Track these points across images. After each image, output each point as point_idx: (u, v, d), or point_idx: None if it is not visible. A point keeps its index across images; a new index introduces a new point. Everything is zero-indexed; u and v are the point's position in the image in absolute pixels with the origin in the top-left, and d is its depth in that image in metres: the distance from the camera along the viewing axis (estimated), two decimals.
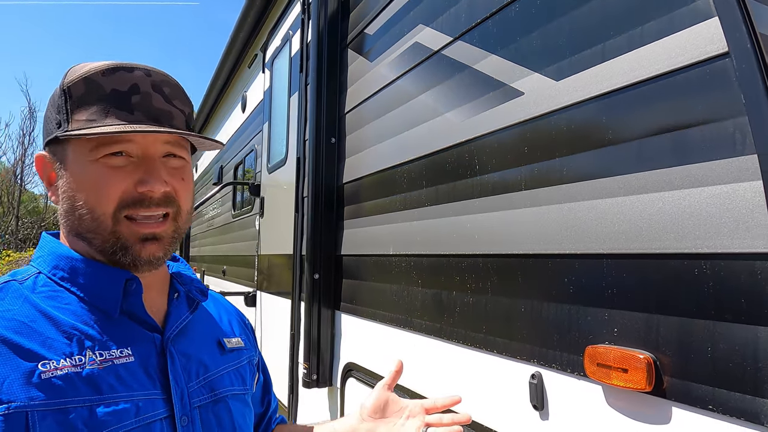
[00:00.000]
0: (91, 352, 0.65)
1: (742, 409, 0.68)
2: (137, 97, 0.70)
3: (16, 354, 0.61)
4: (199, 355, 0.77)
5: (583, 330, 0.92)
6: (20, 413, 0.59)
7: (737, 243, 0.70)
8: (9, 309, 0.65)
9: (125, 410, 0.64)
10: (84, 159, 0.68)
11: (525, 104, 1.09)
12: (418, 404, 0.88)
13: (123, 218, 0.68)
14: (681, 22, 0.79)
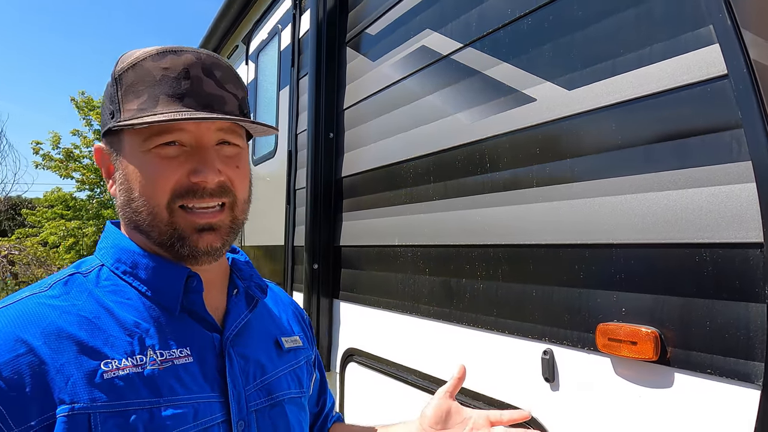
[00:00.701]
0: (152, 351, 0.65)
1: (736, 371, 0.83)
2: (188, 83, 0.66)
3: (80, 352, 0.61)
4: (257, 357, 0.75)
5: (593, 310, 1.05)
6: (83, 415, 0.58)
7: (733, 234, 0.84)
8: (74, 304, 0.64)
9: (184, 414, 0.64)
10: (137, 150, 0.67)
11: (538, 109, 1.21)
12: (483, 416, 0.81)
13: (178, 209, 0.67)
14: (686, 46, 0.92)
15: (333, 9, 2.21)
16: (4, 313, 0.62)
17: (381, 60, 1.88)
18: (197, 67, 0.67)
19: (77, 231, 12.18)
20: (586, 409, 1.07)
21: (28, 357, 0.58)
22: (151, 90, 0.66)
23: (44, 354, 0.59)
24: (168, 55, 0.67)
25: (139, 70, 0.67)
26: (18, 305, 0.63)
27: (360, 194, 1.99)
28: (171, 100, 0.66)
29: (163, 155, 0.67)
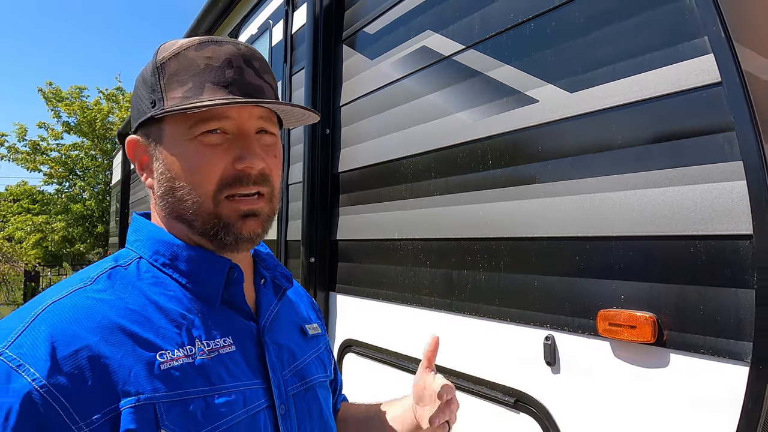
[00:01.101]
0: (199, 341, 0.65)
1: (728, 350, 0.92)
2: (231, 72, 0.67)
3: (135, 344, 0.61)
4: (288, 344, 0.77)
5: (594, 298, 1.13)
6: (149, 405, 0.59)
7: (725, 227, 0.93)
8: (121, 297, 0.64)
9: (235, 401, 0.65)
10: (181, 137, 0.67)
11: (541, 110, 1.29)
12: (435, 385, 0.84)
13: (223, 198, 0.67)
14: (684, 54, 1.01)
15: (329, 6, 2.25)
16: (57, 309, 0.60)
17: (380, 59, 1.93)
18: (238, 57, 0.68)
19: (44, 226, 11.83)
20: (586, 388, 1.16)
21: (87, 352, 0.58)
22: (195, 78, 0.66)
23: (103, 348, 0.59)
24: (210, 45, 0.68)
25: (183, 59, 0.67)
26: (68, 300, 0.62)
27: (358, 189, 2.04)
28: (216, 88, 0.66)
29: (206, 143, 0.66)
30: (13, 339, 0.57)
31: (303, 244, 2.17)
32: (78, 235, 12.38)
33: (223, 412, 0.63)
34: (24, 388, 0.54)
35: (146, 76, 0.70)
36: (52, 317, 0.59)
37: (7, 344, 0.56)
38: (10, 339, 0.57)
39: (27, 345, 0.57)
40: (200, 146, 0.66)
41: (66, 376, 0.56)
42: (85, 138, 12.39)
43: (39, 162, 12.05)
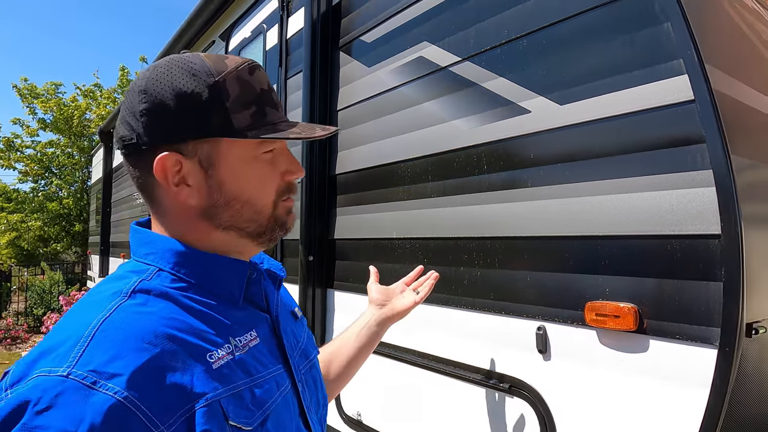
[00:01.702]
0: (233, 339, 0.70)
1: (699, 336, 1.05)
2: (275, 96, 0.75)
3: (190, 349, 0.65)
4: (291, 329, 0.85)
5: (582, 291, 1.26)
6: (215, 402, 0.63)
7: (697, 228, 1.06)
8: (161, 309, 0.67)
9: (271, 388, 0.72)
10: (244, 157, 0.72)
11: (532, 120, 1.40)
12: (400, 283, 1.36)
13: (281, 202, 0.76)
14: (661, 74, 1.13)
15: (326, 14, 2.34)
16: (111, 326, 0.62)
17: (377, 66, 2.03)
18: (269, 79, 0.77)
19: (20, 225, 11.58)
20: (574, 373, 1.28)
21: (153, 362, 0.61)
22: (256, 102, 0.72)
23: (165, 357, 0.62)
24: (257, 69, 0.74)
25: (243, 82, 0.71)
26: (117, 316, 0.63)
27: (356, 191, 2.13)
28: (273, 111, 0.74)
29: (264, 160, 0.74)
30: (78, 358, 0.58)
31: (302, 243, 2.25)
32: (54, 234, 12.16)
33: (265, 398, 0.70)
34: (105, 401, 0.55)
35: (194, 90, 0.69)
36: (108, 333, 0.61)
37: (72, 364, 0.57)
38: (74, 359, 0.58)
39: (95, 362, 0.58)
40: (261, 163, 0.74)
41: (141, 386, 0.58)
42: (62, 135, 12.16)
43: (13, 159, 11.79)
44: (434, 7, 1.76)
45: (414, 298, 1.30)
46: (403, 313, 1.27)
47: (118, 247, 6.67)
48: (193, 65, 0.70)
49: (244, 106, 0.71)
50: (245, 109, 0.71)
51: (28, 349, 8.74)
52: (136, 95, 0.70)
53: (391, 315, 1.25)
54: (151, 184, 0.72)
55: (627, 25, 1.21)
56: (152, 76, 0.70)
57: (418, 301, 1.30)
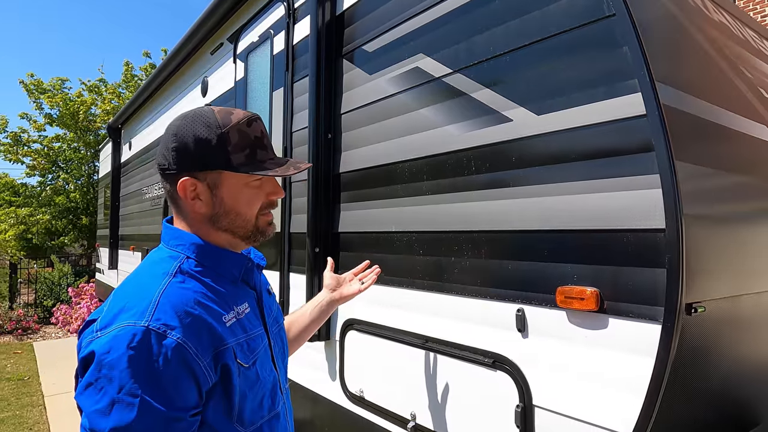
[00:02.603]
0: (235, 306, 1.04)
1: (647, 314, 1.25)
2: (265, 139, 1.06)
3: (213, 312, 0.97)
4: (267, 302, 1.19)
5: (554, 278, 1.45)
6: (230, 347, 0.97)
7: (646, 223, 1.26)
8: (194, 285, 1.00)
9: (258, 340, 1.07)
10: (238, 183, 1.04)
11: (514, 127, 1.59)
12: (350, 273, 1.72)
13: (261, 216, 1.08)
14: (620, 92, 1.32)
15: (330, 23, 2.52)
16: (167, 295, 0.93)
17: (377, 74, 2.22)
18: (264, 128, 1.07)
19: (28, 219, 11.81)
20: (548, 348, 1.48)
21: (197, 320, 0.93)
22: (250, 146, 1.02)
23: (203, 317, 0.95)
24: (253, 122, 1.04)
25: (241, 133, 1.01)
26: (170, 289, 0.95)
27: (358, 188, 2.33)
28: (263, 152, 1.05)
29: (253, 186, 1.06)
30: (151, 314, 0.90)
31: (308, 236, 2.45)
32: (62, 228, 12.39)
33: (254, 347, 1.04)
34: (173, 343, 0.88)
35: (206, 137, 0.99)
36: (168, 300, 0.93)
37: (148, 318, 0.89)
38: (148, 314, 0.89)
39: (164, 318, 0.90)
40: (250, 189, 1.06)
41: (192, 334, 0.91)
42: (68, 130, 12.35)
43: (21, 154, 12.00)
44: (429, 22, 1.95)
45: (359, 287, 1.67)
46: (348, 298, 1.66)
47: (127, 240, 6.88)
48: (209, 119, 1.01)
49: (241, 149, 1.01)
50: (241, 152, 1.01)
51: (39, 339, 8.99)
52: (170, 136, 1.02)
53: (338, 298, 1.64)
54: (176, 197, 1.04)
55: (592, 47, 1.40)
56: (181, 124, 1.02)
57: (362, 289, 1.67)
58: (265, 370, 1.06)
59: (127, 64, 13.49)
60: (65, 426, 4.90)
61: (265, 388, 1.05)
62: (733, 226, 1.52)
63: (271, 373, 1.09)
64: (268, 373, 1.07)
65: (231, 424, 0.96)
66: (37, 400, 5.70)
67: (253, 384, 1.01)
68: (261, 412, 1.03)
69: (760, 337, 1.73)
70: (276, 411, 1.08)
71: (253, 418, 1.01)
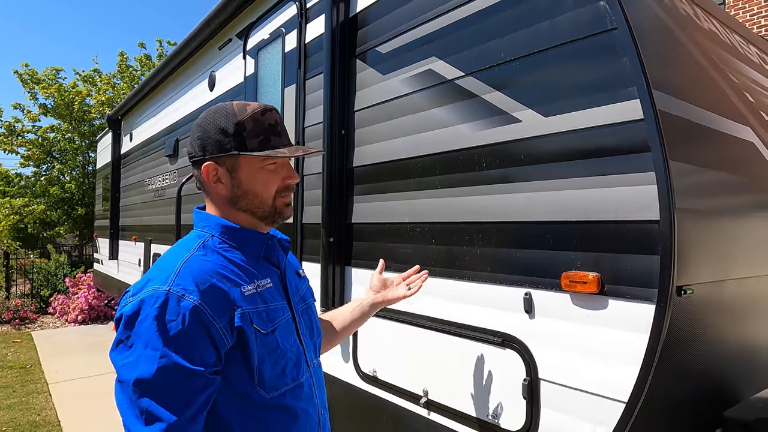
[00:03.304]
0: (257, 280, 1.13)
1: (643, 296, 1.41)
2: (279, 127, 1.16)
3: (231, 282, 1.07)
4: (294, 281, 1.28)
5: (559, 264, 1.61)
6: (246, 313, 1.06)
7: (643, 215, 1.42)
8: (214, 258, 1.11)
9: (279, 311, 1.16)
10: (254, 167, 1.14)
11: (523, 128, 1.75)
12: (398, 277, 1.72)
13: (278, 198, 1.17)
14: (620, 98, 1.48)
15: (344, 25, 2.65)
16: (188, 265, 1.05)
17: (390, 75, 2.36)
18: (277, 117, 1.17)
19: (23, 209, 11.80)
20: (553, 328, 1.65)
21: (213, 287, 1.04)
22: (264, 133, 1.13)
23: (219, 284, 1.05)
24: (267, 112, 1.15)
25: (255, 121, 1.12)
26: (192, 261, 1.07)
27: (372, 181, 2.47)
28: (276, 139, 1.14)
29: (269, 170, 1.15)
30: (173, 281, 1.01)
31: (323, 227, 2.60)
32: (57, 218, 12.40)
33: (273, 317, 1.13)
34: (190, 304, 0.99)
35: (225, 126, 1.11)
36: (189, 269, 1.05)
37: (170, 284, 1.01)
38: (170, 281, 1.01)
39: (183, 284, 1.01)
40: (265, 172, 1.15)
41: (208, 299, 1.02)
42: (63, 120, 12.32)
43: (15, 144, 11.96)
44: (442, 28, 2.09)
45: (404, 292, 1.67)
46: (392, 302, 1.66)
47: (128, 231, 6.97)
48: (227, 111, 1.13)
49: (255, 135, 1.12)
50: (255, 137, 1.12)
51: (36, 328, 9.06)
52: (196, 128, 1.16)
53: (381, 301, 1.66)
54: (202, 181, 1.16)
55: (596, 57, 1.55)
56: (204, 116, 1.15)
57: (407, 295, 1.67)
58: (287, 340, 1.13)
59: (122, 54, 13.46)
60: (72, 411, 5.02)
61: (287, 357, 1.12)
62: (717, 218, 1.69)
63: (295, 344, 1.16)
64: (291, 345, 1.14)
65: (253, 387, 1.05)
66: (41, 387, 5.81)
67: (273, 350, 1.08)
68: (283, 380, 1.10)
69: (740, 320, 1.91)
70: (299, 381, 1.15)
71: (275, 383, 1.08)
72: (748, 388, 2.13)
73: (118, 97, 12.32)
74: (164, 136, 5.59)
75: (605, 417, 1.48)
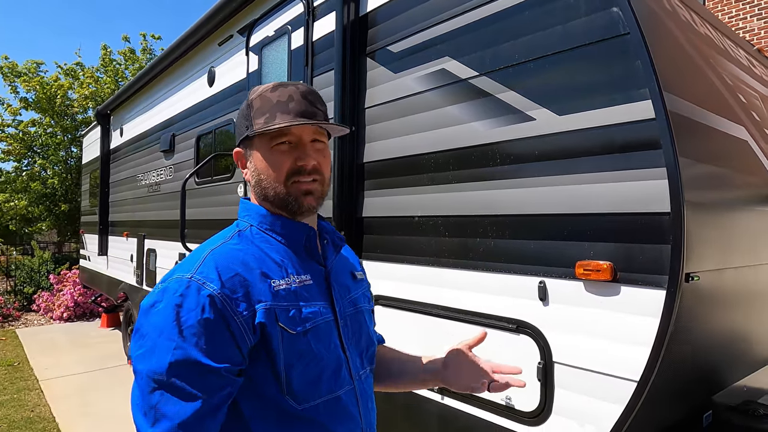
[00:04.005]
0: (292, 275, 1.00)
1: (654, 282, 1.53)
2: (292, 104, 1.00)
3: (260, 275, 0.96)
4: (344, 282, 1.12)
5: (574, 253, 1.72)
6: (271, 309, 0.93)
7: (655, 207, 1.53)
8: (247, 248, 1.00)
9: (316, 312, 1.00)
10: (264, 148, 1.02)
11: (537, 126, 1.85)
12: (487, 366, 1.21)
13: (291, 183, 1.02)
14: (634, 98, 1.59)
15: (354, 24, 2.72)
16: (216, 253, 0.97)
17: (403, 73, 2.44)
18: (296, 93, 1.02)
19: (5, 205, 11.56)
20: (567, 314, 1.75)
21: (237, 277, 0.93)
22: (270, 110, 1.01)
23: (244, 275, 0.94)
24: (279, 88, 1.02)
25: (263, 98, 1.02)
26: (220, 249, 0.98)
27: (383, 176, 2.55)
28: (282, 115, 1.00)
29: (280, 150, 1.01)
30: (197, 269, 0.93)
31: (334, 220, 2.67)
32: (38, 214, 12.17)
33: (309, 317, 0.99)
34: (210, 294, 0.90)
35: (243, 110, 1.05)
36: (214, 258, 0.96)
37: (193, 272, 0.92)
38: (194, 269, 0.93)
39: (205, 272, 0.92)
40: (275, 153, 1.02)
41: (229, 289, 0.91)
42: (44, 114, 12.09)
43: None
44: (456, 29, 2.18)
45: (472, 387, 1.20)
46: (452, 387, 1.22)
47: (119, 227, 6.92)
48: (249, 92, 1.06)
49: (261, 114, 1.02)
50: (262, 116, 1.01)
51: (21, 326, 8.91)
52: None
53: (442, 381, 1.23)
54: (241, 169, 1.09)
55: (609, 60, 1.66)
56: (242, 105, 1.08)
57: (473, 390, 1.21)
58: (323, 345, 1.00)
59: (105, 48, 13.24)
60: (66, 407, 5.00)
61: (323, 364, 0.99)
62: (718, 210, 1.81)
63: (335, 351, 1.02)
64: (327, 350, 1.00)
65: (282, 395, 0.94)
66: (32, 384, 5.76)
67: (303, 354, 0.96)
68: (317, 390, 0.97)
69: (735, 307, 2.05)
70: (337, 393, 1.01)
71: (306, 394, 0.96)
72: (734, 374, 2.27)
73: (101, 91, 12.13)
74: (159, 131, 5.57)
75: (617, 396, 1.60)
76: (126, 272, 6.37)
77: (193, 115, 4.76)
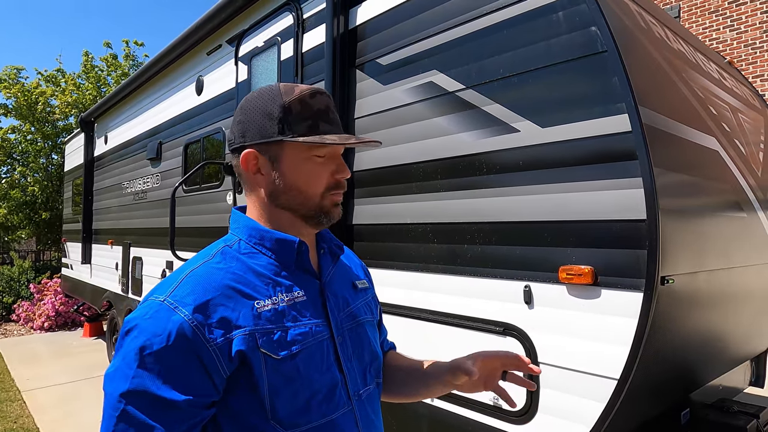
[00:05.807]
0: (281, 293, 0.93)
1: (632, 285, 1.62)
2: (331, 114, 0.97)
3: (241, 296, 0.89)
4: (343, 294, 1.05)
5: (556, 259, 1.81)
6: (251, 334, 0.86)
7: (632, 215, 1.63)
8: (230, 266, 0.93)
9: (306, 332, 0.92)
10: (299, 156, 0.95)
11: (521, 137, 1.94)
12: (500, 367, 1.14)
13: (328, 195, 0.97)
14: (611, 112, 1.69)
15: (343, 36, 2.80)
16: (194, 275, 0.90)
17: (391, 85, 2.52)
18: (330, 103, 0.99)
19: None
20: (550, 316, 1.84)
21: (213, 301, 0.87)
22: (312, 118, 0.94)
23: (221, 299, 0.88)
24: (317, 95, 0.96)
25: (304, 104, 0.94)
26: (200, 269, 0.91)
27: (372, 185, 2.62)
28: (325, 125, 0.95)
29: (316, 161, 0.96)
30: (171, 291, 0.87)
31: None
32: (18, 222, 11.97)
33: (298, 339, 0.91)
34: (180, 320, 0.83)
35: (271, 110, 0.94)
36: (192, 279, 0.89)
37: (167, 294, 0.87)
38: (169, 291, 0.87)
39: (179, 296, 0.86)
40: (312, 163, 0.95)
41: (202, 315, 0.85)
42: (25, 121, 11.92)
43: None
44: (443, 43, 2.27)
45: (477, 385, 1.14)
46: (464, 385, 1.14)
47: (102, 234, 6.86)
48: (273, 92, 0.96)
49: (303, 120, 0.94)
50: (303, 122, 0.94)
51: (0, 337, 8.74)
52: (238, 111, 0.99)
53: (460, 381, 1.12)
54: (241, 172, 0.99)
55: (588, 75, 1.76)
56: (248, 98, 0.99)
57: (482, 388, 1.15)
58: (315, 368, 0.93)
59: (87, 54, 13.13)
60: (50, 418, 4.94)
61: (315, 388, 0.92)
62: (691, 217, 1.92)
63: (329, 371, 0.95)
64: (320, 372, 0.94)
65: (267, 422, 0.88)
66: (14, 395, 5.67)
67: (291, 380, 0.89)
68: (306, 416, 0.91)
69: (708, 308, 2.16)
70: (331, 417, 0.94)
71: (294, 420, 0.90)
72: (710, 373, 2.39)
73: (83, 97, 12.01)
74: (146, 138, 5.57)
75: (599, 393, 1.68)
76: (111, 280, 6.32)
77: (181, 123, 4.78)
